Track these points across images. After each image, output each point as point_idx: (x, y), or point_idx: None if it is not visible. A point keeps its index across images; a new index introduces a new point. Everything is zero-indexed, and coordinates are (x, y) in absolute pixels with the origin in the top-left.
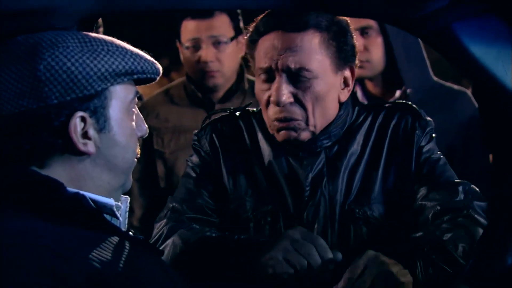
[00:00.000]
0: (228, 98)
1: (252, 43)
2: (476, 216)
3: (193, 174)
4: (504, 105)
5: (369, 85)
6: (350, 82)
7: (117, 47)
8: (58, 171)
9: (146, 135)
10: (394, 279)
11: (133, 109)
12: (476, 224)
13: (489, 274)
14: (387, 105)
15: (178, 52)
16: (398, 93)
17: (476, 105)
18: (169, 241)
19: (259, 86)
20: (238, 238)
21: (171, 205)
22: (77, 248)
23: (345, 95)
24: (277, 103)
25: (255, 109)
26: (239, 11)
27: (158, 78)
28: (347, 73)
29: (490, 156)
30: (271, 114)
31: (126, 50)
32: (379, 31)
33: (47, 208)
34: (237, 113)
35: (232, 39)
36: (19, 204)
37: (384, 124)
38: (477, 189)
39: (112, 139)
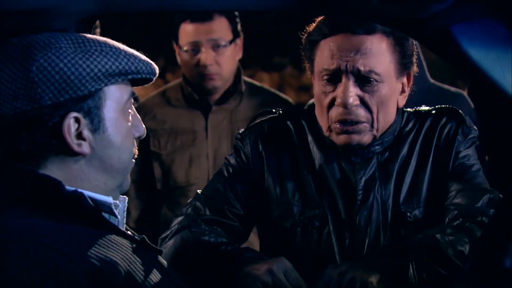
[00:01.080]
0: (225, 99)
1: (313, 44)
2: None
3: (225, 174)
4: (502, 108)
5: None
6: (406, 89)
7: (111, 47)
8: (54, 171)
9: (144, 136)
10: (360, 282)
11: (129, 110)
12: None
13: (486, 276)
14: (433, 111)
15: (174, 54)
16: None
17: (473, 107)
18: (172, 240)
19: (321, 88)
20: (225, 248)
21: (194, 202)
22: (77, 246)
23: (402, 101)
24: (344, 105)
25: (305, 107)
26: (237, 13)
27: (154, 79)
28: (405, 79)
29: (486, 157)
30: (334, 116)
31: (120, 51)
32: None
33: (46, 206)
34: (286, 114)
35: (230, 42)
36: (19, 202)
37: (432, 128)
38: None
39: (107, 140)
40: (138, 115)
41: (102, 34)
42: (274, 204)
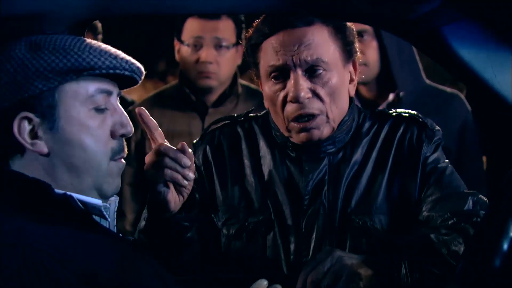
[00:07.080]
0: (221, 102)
1: (255, 48)
2: None
3: None
4: (493, 108)
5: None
6: (355, 77)
7: (64, 45)
8: (22, 171)
9: (131, 134)
10: (358, 280)
11: (102, 107)
12: None
13: (478, 275)
14: (393, 113)
15: (175, 57)
16: (391, 96)
17: (469, 107)
18: None
19: (271, 88)
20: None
21: None
22: (68, 249)
23: (352, 89)
24: (297, 99)
25: (258, 113)
26: (243, 18)
27: (141, 77)
28: (351, 67)
29: (484, 158)
30: (289, 113)
31: (72, 47)
32: (374, 34)
33: (36, 210)
34: (239, 120)
35: (233, 45)
36: (8, 206)
37: (390, 135)
38: (486, 200)
39: (64, 138)
40: (124, 112)
41: (104, 38)
42: (221, 211)
